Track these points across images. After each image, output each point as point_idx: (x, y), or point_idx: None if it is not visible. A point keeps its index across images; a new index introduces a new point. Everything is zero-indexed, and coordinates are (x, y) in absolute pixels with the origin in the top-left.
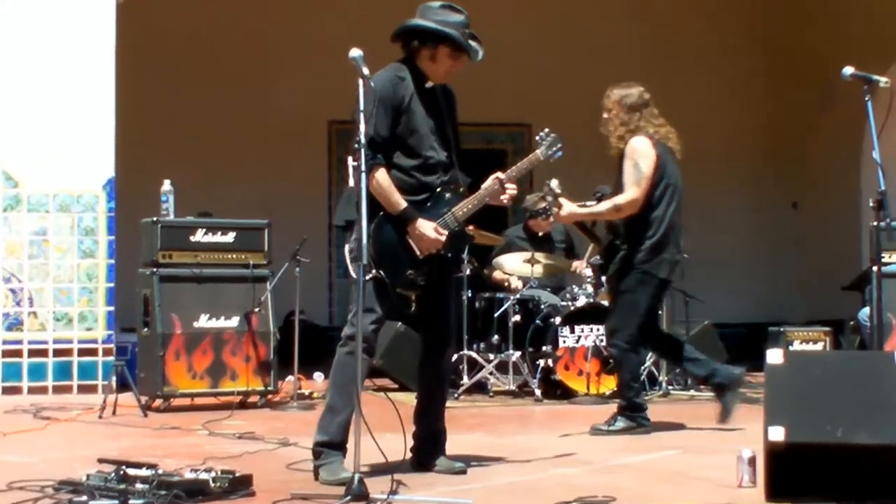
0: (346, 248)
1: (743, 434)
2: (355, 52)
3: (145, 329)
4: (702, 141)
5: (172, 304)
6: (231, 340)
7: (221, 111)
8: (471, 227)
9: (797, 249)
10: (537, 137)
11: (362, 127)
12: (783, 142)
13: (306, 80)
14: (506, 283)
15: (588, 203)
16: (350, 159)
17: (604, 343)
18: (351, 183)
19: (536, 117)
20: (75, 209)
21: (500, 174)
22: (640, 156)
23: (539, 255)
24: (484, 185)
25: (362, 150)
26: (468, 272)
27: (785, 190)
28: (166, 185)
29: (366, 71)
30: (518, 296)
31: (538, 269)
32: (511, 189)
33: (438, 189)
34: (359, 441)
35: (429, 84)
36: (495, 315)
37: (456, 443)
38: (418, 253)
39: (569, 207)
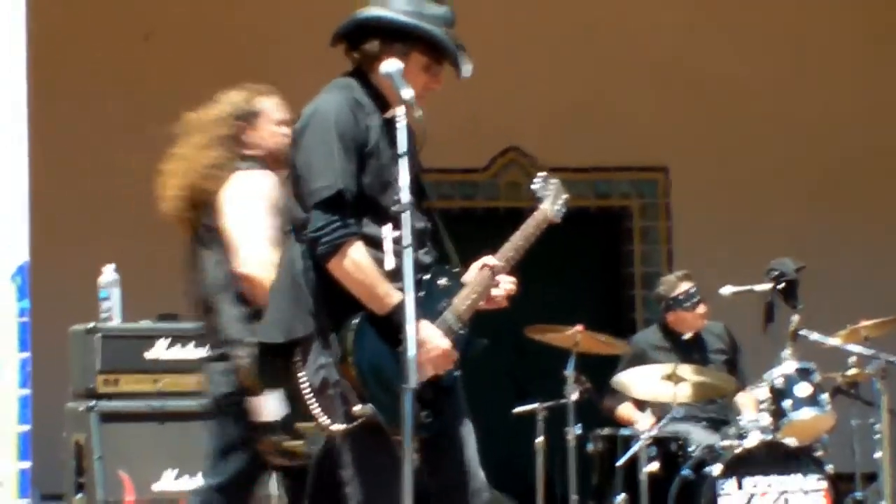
0: (305, 374)
1: None
2: (391, 66)
3: (79, 495)
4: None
5: (120, 456)
6: None
7: None
8: (578, 328)
9: None
10: (533, 186)
11: (404, 177)
12: None
13: None
14: (634, 423)
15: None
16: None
17: None
18: (297, 270)
19: (675, 158)
20: None
21: (489, 259)
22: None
23: (685, 370)
24: (470, 277)
25: (406, 215)
26: (574, 398)
27: None
28: (108, 274)
29: (407, 94)
30: (654, 432)
31: (684, 391)
32: (507, 284)
33: (431, 274)
34: None
35: (391, 112)
36: (619, 463)
37: None
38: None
39: None
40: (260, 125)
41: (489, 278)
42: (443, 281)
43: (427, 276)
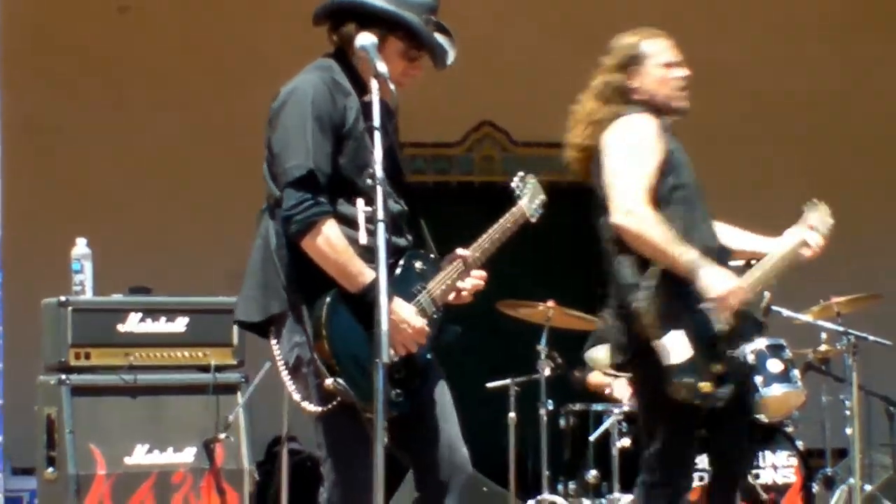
0: (280, 351)
1: None
2: (365, 40)
3: (50, 469)
4: None
5: (92, 431)
6: (184, 484)
7: (162, 138)
8: (550, 303)
9: None
10: (512, 184)
11: (378, 153)
12: None
13: None
14: (607, 391)
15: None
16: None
17: (761, 480)
18: (272, 246)
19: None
20: None
21: (462, 251)
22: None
23: None
24: (445, 266)
25: (379, 189)
26: (547, 373)
27: None
28: (80, 247)
29: (381, 67)
30: (626, 407)
31: None
32: (474, 279)
33: (406, 258)
34: None
35: (369, 96)
36: (591, 438)
37: None
38: (393, 353)
39: None
40: (645, 70)
41: (461, 270)
42: (418, 265)
43: (402, 260)
